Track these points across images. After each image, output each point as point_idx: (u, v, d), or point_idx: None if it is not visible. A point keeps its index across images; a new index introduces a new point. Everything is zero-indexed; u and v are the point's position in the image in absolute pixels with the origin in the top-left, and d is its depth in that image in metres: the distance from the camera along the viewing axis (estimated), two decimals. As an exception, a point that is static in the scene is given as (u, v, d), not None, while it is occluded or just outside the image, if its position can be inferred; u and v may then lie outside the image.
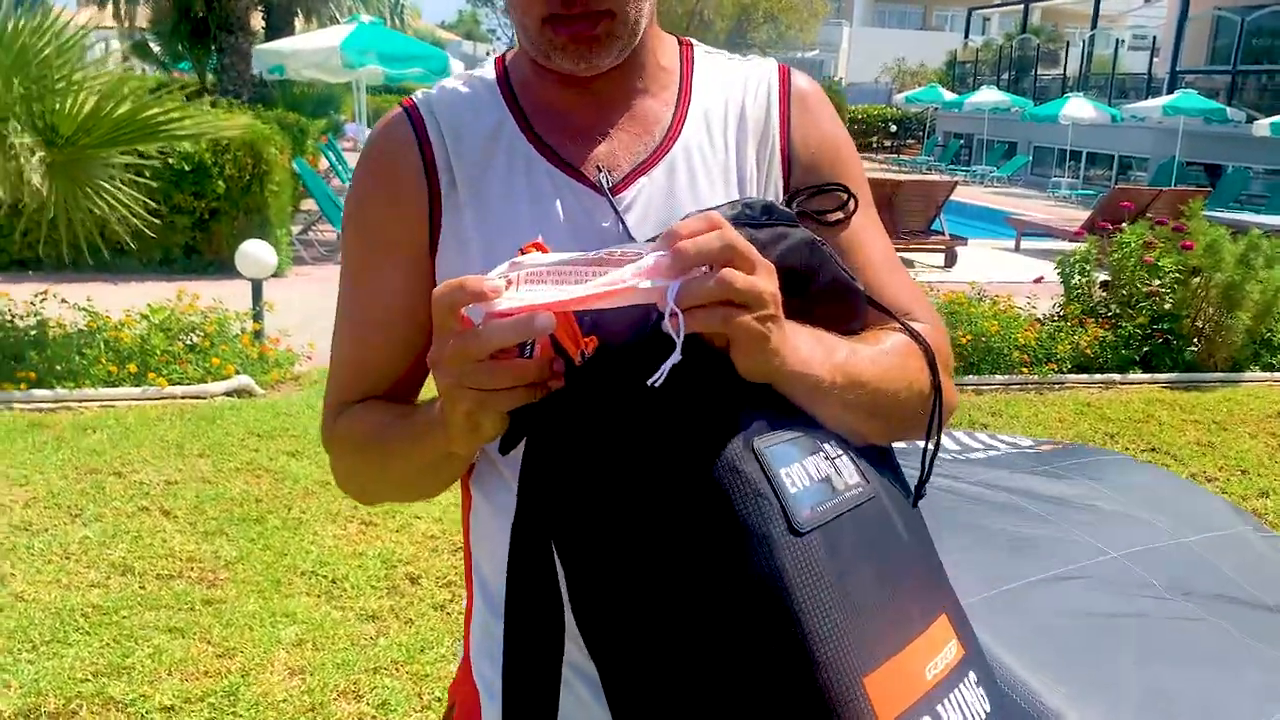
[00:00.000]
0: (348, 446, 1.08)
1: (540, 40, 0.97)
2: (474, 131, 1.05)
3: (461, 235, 1.02)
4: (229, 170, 8.53)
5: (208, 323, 5.80)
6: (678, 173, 1.03)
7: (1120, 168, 24.68)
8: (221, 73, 14.69)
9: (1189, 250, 6.72)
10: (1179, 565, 2.96)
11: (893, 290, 1.07)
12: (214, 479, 4.44)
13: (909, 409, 0.99)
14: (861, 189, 1.09)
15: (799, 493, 0.85)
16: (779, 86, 1.10)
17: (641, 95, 1.06)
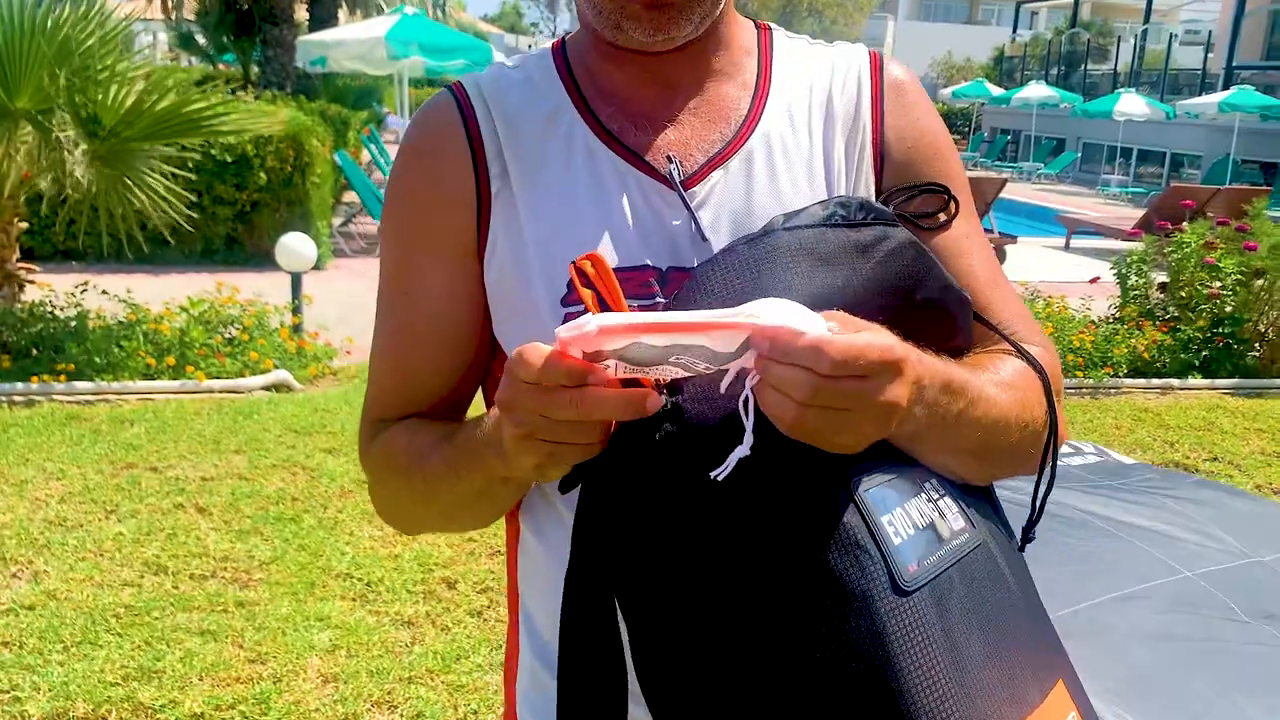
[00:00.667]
0: (387, 470, 0.97)
1: (611, 9, 0.86)
2: (528, 117, 0.93)
3: (514, 234, 0.91)
4: (271, 162, 8.51)
5: (246, 316, 5.75)
6: (756, 166, 0.92)
7: (1172, 165, 24.18)
8: (265, 64, 14.73)
9: (1252, 251, 6.48)
10: (1257, 586, 2.80)
11: (998, 306, 0.95)
12: (250, 475, 4.37)
13: (1020, 450, 0.88)
14: (962, 191, 0.97)
15: (903, 544, 0.75)
16: (870, 74, 0.98)
17: (717, 78, 0.95)
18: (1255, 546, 3.04)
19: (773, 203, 0.90)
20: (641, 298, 0.87)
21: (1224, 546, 3.00)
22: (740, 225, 0.89)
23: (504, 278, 0.92)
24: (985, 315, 0.93)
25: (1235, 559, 2.95)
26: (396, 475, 0.96)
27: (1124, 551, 2.66)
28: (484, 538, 3.90)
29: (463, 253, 0.93)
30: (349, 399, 5.39)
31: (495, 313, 0.94)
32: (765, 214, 0.89)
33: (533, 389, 0.68)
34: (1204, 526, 3.07)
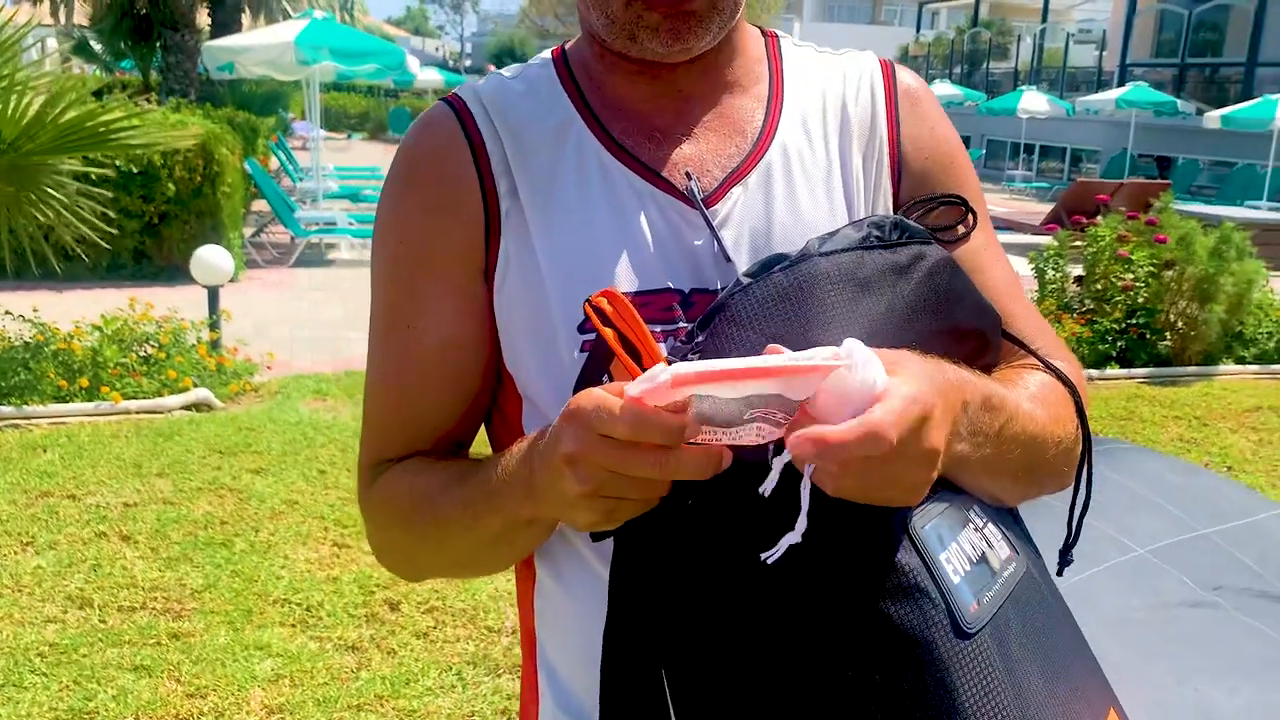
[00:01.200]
0: (392, 515, 0.91)
1: (624, 18, 0.81)
2: (535, 131, 0.87)
3: (527, 257, 0.85)
4: (179, 172, 8.23)
5: (162, 333, 5.54)
6: (774, 181, 0.87)
7: (1072, 160, 24.94)
8: (167, 71, 14.26)
9: (1163, 243, 6.69)
10: (1204, 559, 2.87)
11: (1021, 321, 0.92)
12: (176, 500, 4.20)
13: (1055, 467, 0.86)
14: (979, 203, 0.94)
15: (962, 582, 0.71)
16: (884, 83, 0.94)
17: (730, 90, 0.91)
18: (1199, 519, 3.11)
19: (793, 220, 0.87)
20: (664, 322, 0.83)
21: (1168, 519, 3.06)
22: (760, 244, 0.85)
23: (517, 304, 0.86)
24: (1009, 329, 0.90)
25: (1182, 532, 3.01)
26: (402, 520, 0.90)
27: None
28: (425, 555, 3.80)
29: (471, 278, 0.87)
30: (273, 416, 5.22)
31: (506, 341, 0.88)
32: (785, 231, 0.86)
33: (613, 445, 0.63)
34: (1149, 499, 3.12)
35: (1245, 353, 7.02)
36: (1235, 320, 6.89)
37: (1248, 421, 5.80)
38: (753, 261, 0.83)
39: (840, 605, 0.69)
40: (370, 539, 0.96)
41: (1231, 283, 6.64)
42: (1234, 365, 6.91)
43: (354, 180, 15.09)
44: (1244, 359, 6.99)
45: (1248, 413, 5.97)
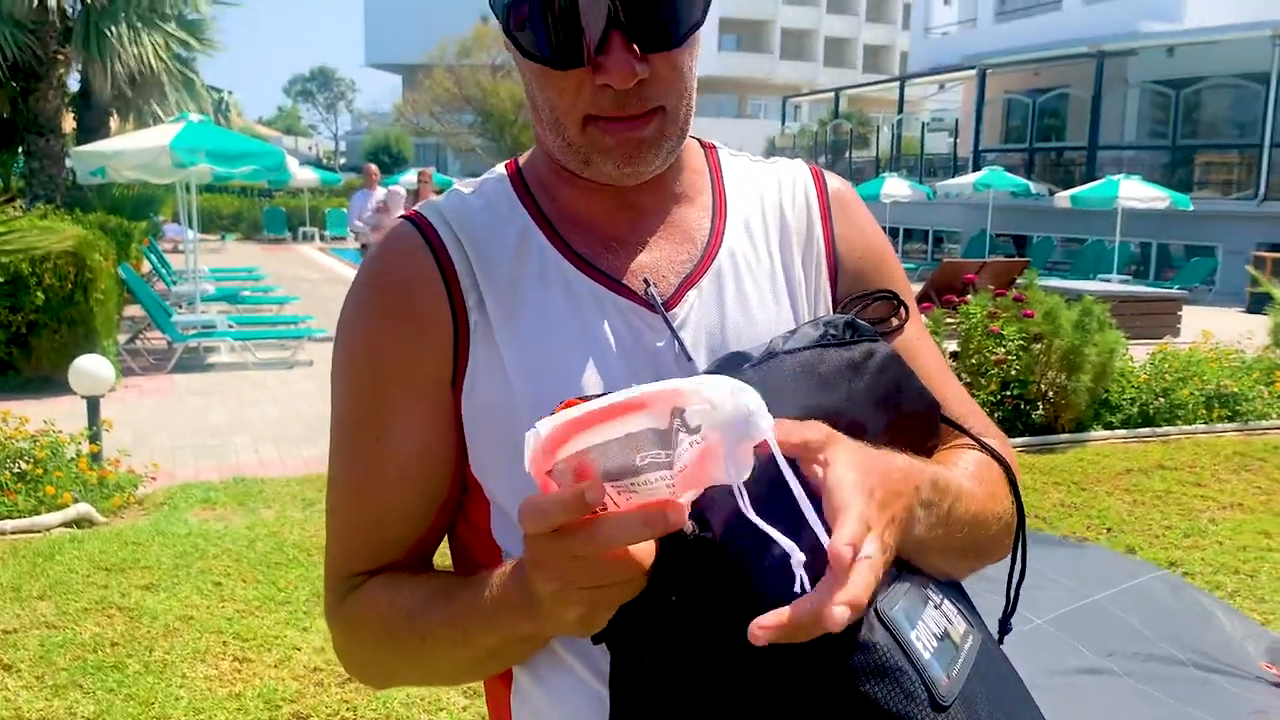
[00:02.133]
0: (369, 633, 0.91)
1: (581, 143, 0.86)
2: (498, 245, 0.91)
3: (496, 367, 0.88)
4: (49, 280, 7.94)
5: (38, 447, 5.29)
6: (725, 284, 0.93)
7: (935, 241, 26.14)
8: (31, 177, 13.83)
9: (1030, 318, 7.05)
10: (1097, 625, 3.01)
11: (954, 403, 0.99)
12: (59, 623, 3.98)
13: (997, 541, 0.92)
14: (908, 295, 1.01)
15: (932, 658, 0.75)
16: (816, 189, 1.02)
17: (678, 201, 0.96)
18: (1089, 587, 3.25)
19: (744, 319, 0.92)
20: None
21: (1063, 589, 3.19)
22: (716, 343, 0.91)
23: (486, 412, 0.89)
24: (944, 412, 0.96)
25: (1077, 599, 3.14)
26: (380, 636, 0.90)
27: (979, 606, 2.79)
28: (331, 667, 3.68)
29: (439, 389, 0.90)
30: (161, 528, 5.02)
31: (475, 449, 0.90)
32: (738, 330, 0.91)
33: (548, 537, 0.65)
34: (1044, 574, 3.26)
35: (1113, 418, 7.40)
36: (1101, 388, 7.27)
37: (1121, 484, 6.10)
38: (710, 359, 0.88)
39: (825, 691, 0.72)
40: (339, 650, 0.96)
41: (1095, 353, 7.03)
42: (1104, 431, 7.28)
43: (231, 282, 14.78)
44: (1112, 424, 7.37)
45: (1120, 475, 6.28)
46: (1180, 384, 7.60)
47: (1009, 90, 25.89)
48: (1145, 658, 2.85)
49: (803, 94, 41.98)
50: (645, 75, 0.81)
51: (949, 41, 31.00)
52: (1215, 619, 3.23)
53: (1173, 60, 21.48)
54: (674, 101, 0.86)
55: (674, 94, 0.85)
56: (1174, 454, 6.80)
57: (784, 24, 56.05)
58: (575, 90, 0.83)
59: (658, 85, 0.83)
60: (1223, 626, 3.18)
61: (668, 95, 0.85)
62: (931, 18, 34.07)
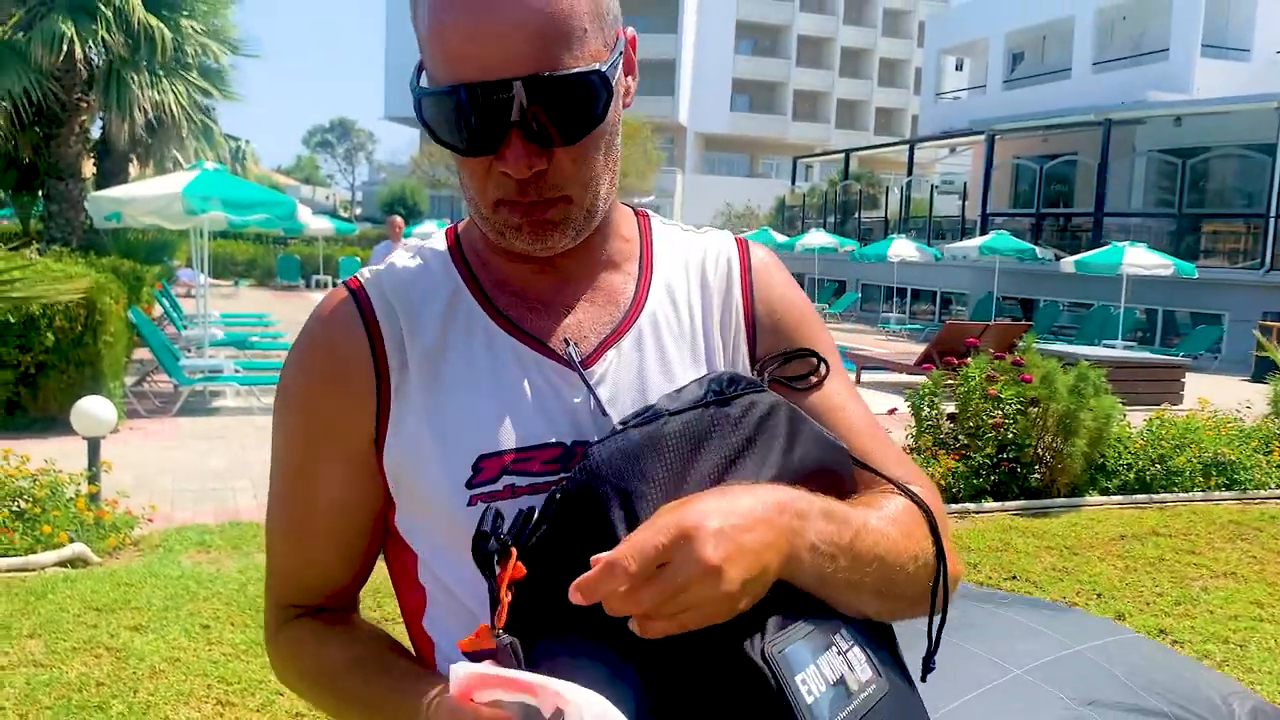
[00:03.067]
0: (294, 673, 1.03)
1: (495, 221, 0.93)
2: (427, 306, 0.99)
3: (415, 425, 0.95)
4: (59, 322, 8.07)
5: (37, 486, 5.35)
6: (645, 344, 1.00)
7: (942, 302, 26.24)
8: (49, 220, 14.07)
9: (1028, 383, 7.09)
10: (1078, 675, 3.01)
11: (878, 452, 1.03)
12: (47, 661, 4.01)
13: (917, 582, 0.95)
14: (830, 354, 1.07)
15: (815, 703, 0.79)
16: (739, 257, 1.09)
17: (605, 267, 1.03)
18: (1072, 639, 3.24)
19: (662, 376, 0.98)
20: (546, 474, 0.92)
21: (1045, 640, 3.19)
22: (636, 398, 0.97)
23: (405, 468, 0.95)
24: (866, 461, 1.00)
25: (1055, 651, 3.14)
26: (304, 681, 1.01)
27: (958, 657, 2.80)
28: (312, 713, 3.70)
29: (361, 445, 0.97)
30: (154, 570, 5.06)
31: (399, 503, 0.98)
32: (656, 386, 0.97)
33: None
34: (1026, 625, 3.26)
35: (1109, 484, 7.41)
36: (1097, 453, 7.29)
37: (1114, 550, 6.10)
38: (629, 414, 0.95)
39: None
40: (275, 671, 1.05)
41: (1091, 418, 7.05)
42: (1099, 496, 7.28)
43: (241, 327, 14.92)
44: (1108, 489, 7.37)
45: (1113, 541, 6.28)
46: (1177, 451, 7.60)
47: (1018, 155, 26.15)
48: (1128, 708, 2.86)
49: (814, 154, 42.41)
50: (544, 167, 0.88)
51: (959, 106, 31.39)
52: (1201, 675, 3.23)
53: (1180, 130, 21.69)
54: (578, 190, 0.92)
55: (577, 184, 0.92)
56: (1169, 521, 6.80)
57: (796, 86, 56.79)
58: (484, 175, 0.90)
59: (558, 176, 0.90)
60: (1209, 684, 3.18)
61: (570, 185, 0.91)
62: (943, 83, 34.53)
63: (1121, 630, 3.45)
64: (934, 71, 33.10)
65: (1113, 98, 23.29)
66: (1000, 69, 29.24)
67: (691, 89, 53.21)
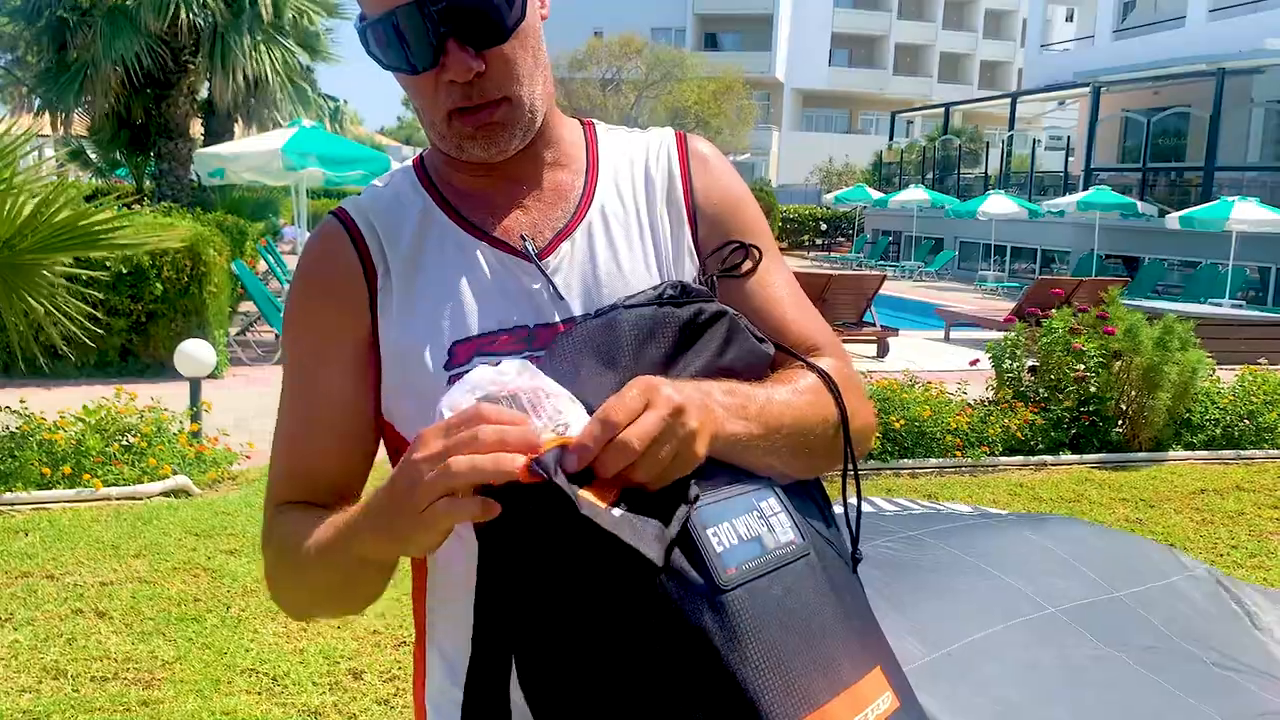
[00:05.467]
0: (275, 551, 1.09)
1: (450, 134, 1.06)
2: (403, 221, 1.12)
3: (404, 317, 1.08)
4: (167, 273, 8.51)
5: (144, 423, 5.74)
6: (595, 234, 1.12)
7: (1043, 261, 25.56)
8: (160, 178, 14.73)
9: (1111, 335, 6.98)
10: (1113, 620, 3.02)
11: (799, 326, 1.14)
12: (151, 579, 4.36)
13: (828, 442, 1.05)
14: (763, 236, 1.18)
15: (726, 551, 0.89)
16: (678, 150, 1.20)
17: (552, 169, 1.15)
18: (1114, 582, 3.25)
19: (612, 263, 1.11)
20: (511, 353, 1.05)
21: (1084, 582, 3.20)
22: (590, 284, 1.09)
23: (396, 358, 1.09)
24: (787, 331, 1.12)
25: (1095, 594, 3.16)
26: (281, 557, 1.08)
27: (993, 588, 2.85)
28: (389, 630, 3.95)
29: (358, 344, 1.10)
30: (249, 501, 5.40)
31: (389, 390, 1.10)
32: (608, 273, 1.10)
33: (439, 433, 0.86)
34: (1067, 562, 3.28)
35: (1194, 439, 7.27)
36: (1181, 408, 7.15)
37: (1192, 503, 6.02)
38: (583, 298, 1.08)
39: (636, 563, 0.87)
40: (266, 576, 1.13)
41: (1176, 372, 6.92)
42: (1183, 451, 7.15)
43: (339, 282, 15.41)
44: (1193, 445, 7.23)
45: (1192, 495, 6.19)
46: (1268, 407, 7.40)
47: (1126, 108, 25.21)
48: (1160, 651, 2.87)
49: (914, 109, 41.48)
50: (481, 69, 1.01)
51: (1067, 57, 30.33)
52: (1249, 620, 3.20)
53: (1301, 79, 20.67)
54: (516, 89, 1.04)
55: (514, 81, 1.04)
56: (1254, 476, 6.66)
57: (898, 39, 55.44)
58: (433, 90, 1.03)
59: (496, 76, 1.03)
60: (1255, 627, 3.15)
61: (508, 84, 1.04)
62: (1050, 34, 33.38)
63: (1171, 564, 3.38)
64: (1040, 22, 31.98)
65: (1228, 46, 22.23)
66: (1110, 18, 28.12)
67: (789, 44, 52.39)
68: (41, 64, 14.50)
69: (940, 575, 2.81)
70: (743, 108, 34.45)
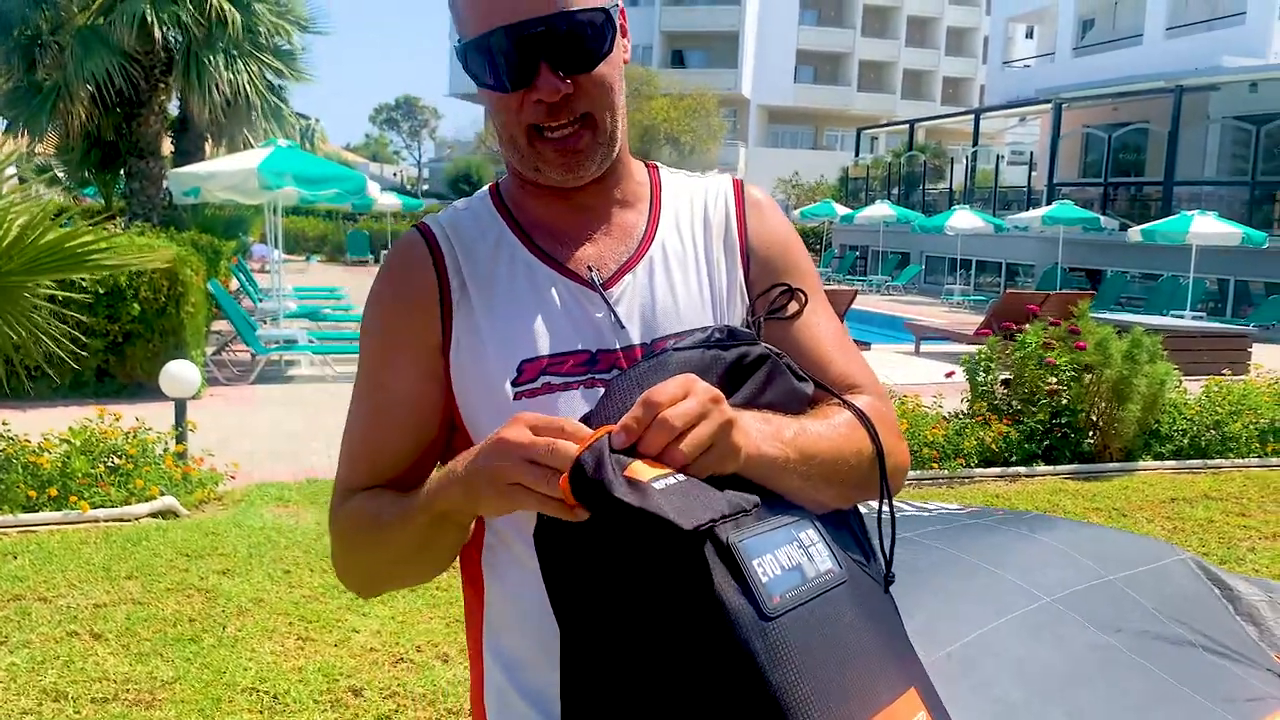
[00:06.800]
0: (350, 527, 1.17)
1: (530, 154, 1.14)
2: (479, 244, 1.20)
3: (474, 333, 1.16)
4: (144, 293, 8.50)
5: (130, 444, 5.74)
6: (656, 269, 1.21)
7: (1008, 274, 25.95)
8: (131, 197, 14.65)
9: (1082, 349, 7.15)
10: (1106, 604, 3.09)
11: (840, 366, 1.22)
12: (144, 600, 4.37)
13: (861, 474, 1.12)
14: (809, 277, 1.27)
15: (770, 581, 0.96)
16: (735, 195, 1.29)
17: (620, 206, 1.24)
18: (1106, 567, 3.32)
19: (669, 296, 1.19)
20: (574, 375, 1.14)
21: (1076, 569, 3.27)
22: (648, 314, 1.18)
23: (466, 369, 1.17)
24: (829, 369, 1.20)
25: (1088, 580, 3.22)
26: (358, 530, 1.17)
27: (989, 584, 2.92)
28: (385, 647, 3.99)
29: (430, 350, 1.18)
30: (238, 521, 5.41)
31: (461, 398, 1.18)
32: (665, 306, 1.18)
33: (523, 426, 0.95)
34: (1059, 551, 3.35)
35: (1163, 449, 7.44)
36: (1151, 419, 7.33)
37: (1163, 512, 6.17)
38: (642, 327, 1.17)
39: (689, 590, 0.95)
40: (334, 557, 1.22)
41: (1145, 384, 7.10)
42: (1153, 461, 7.32)
43: (313, 300, 15.40)
44: (1162, 455, 7.41)
45: (1163, 504, 6.35)
46: (1233, 417, 7.60)
47: (1087, 124, 25.69)
48: (1153, 636, 2.94)
49: (879, 125, 41.97)
50: (569, 90, 1.10)
51: (1027, 74, 30.86)
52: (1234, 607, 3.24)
53: (1256, 95, 21.15)
54: (599, 112, 1.14)
55: (598, 105, 1.13)
56: (1222, 485, 6.84)
57: (862, 57, 56.11)
58: (519, 107, 1.12)
59: (581, 99, 1.12)
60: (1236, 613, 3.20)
61: (592, 106, 1.13)
62: (1011, 51, 33.93)
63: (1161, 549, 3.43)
64: (1002, 39, 32.55)
65: (1186, 64, 22.77)
66: (1070, 36, 28.68)
67: (755, 61, 52.87)
68: (11, 83, 14.39)
69: (937, 576, 2.88)
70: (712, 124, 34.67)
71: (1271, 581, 3.18)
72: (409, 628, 4.18)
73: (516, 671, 1.18)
